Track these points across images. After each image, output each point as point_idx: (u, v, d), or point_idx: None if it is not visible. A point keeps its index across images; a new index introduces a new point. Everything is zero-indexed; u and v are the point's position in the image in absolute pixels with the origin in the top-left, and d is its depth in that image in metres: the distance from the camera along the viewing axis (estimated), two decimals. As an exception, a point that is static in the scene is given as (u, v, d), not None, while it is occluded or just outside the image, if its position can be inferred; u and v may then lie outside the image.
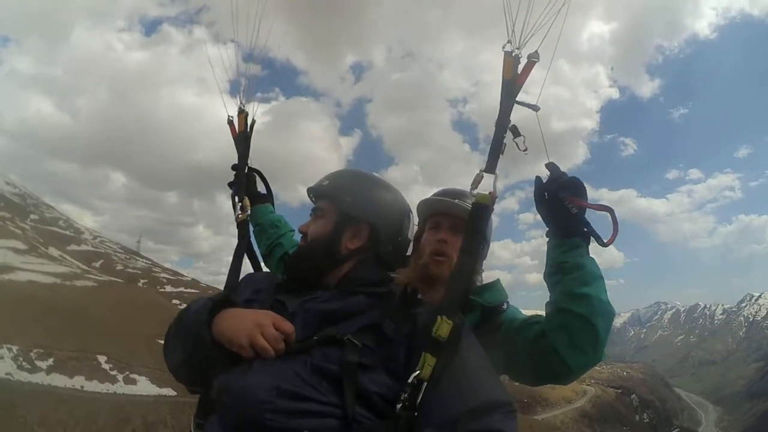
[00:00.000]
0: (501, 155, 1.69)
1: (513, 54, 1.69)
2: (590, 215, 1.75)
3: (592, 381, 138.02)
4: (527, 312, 1.96)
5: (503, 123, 1.69)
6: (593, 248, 1.75)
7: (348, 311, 1.46)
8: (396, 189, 1.76)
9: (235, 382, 1.31)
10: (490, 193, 1.62)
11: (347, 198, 1.64)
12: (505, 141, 1.70)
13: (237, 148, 2.43)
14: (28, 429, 19.66)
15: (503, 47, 1.70)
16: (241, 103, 2.47)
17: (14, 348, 29.15)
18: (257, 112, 2.49)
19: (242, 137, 2.43)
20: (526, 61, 1.69)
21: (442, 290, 1.74)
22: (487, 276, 2.15)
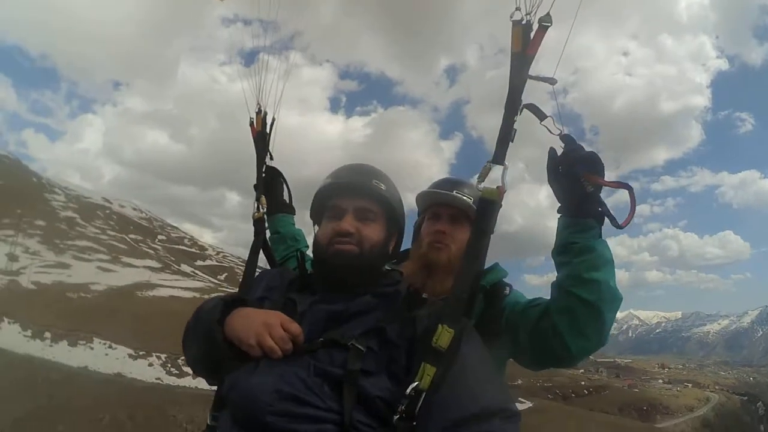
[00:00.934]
0: (511, 142, 1.51)
1: (522, 22, 1.50)
2: (606, 194, 1.62)
3: (717, 387, 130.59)
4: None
5: (514, 103, 1.51)
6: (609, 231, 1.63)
7: (354, 312, 1.44)
8: None
9: (241, 381, 1.33)
10: (498, 187, 1.50)
11: (396, 207, 1.63)
12: (515, 126, 1.50)
13: (256, 148, 2.43)
14: (179, 427, 21.61)
15: (511, 16, 1.51)
16: (259, 102, 2.47)
17: (162, 356, 35.15)
18: (278, 111, 2.45)
19: (260, 136, 2.44)
20: (536, 27, 1.49)
21: (442, 278, 1.76)
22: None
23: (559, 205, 1.68)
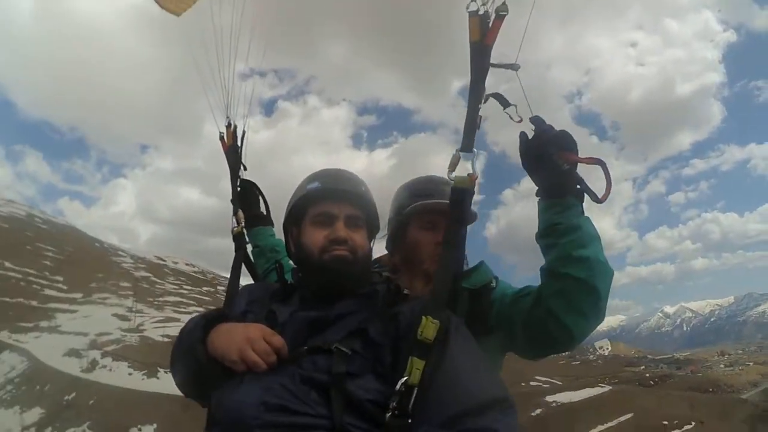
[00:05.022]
0: (478, 130, 1.55)
1: (479, 12, 1.53)
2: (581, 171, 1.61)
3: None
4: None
5: (477, 93, 1.55)
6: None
7: (335, 317, 1.44)
8: None
9: (226, 397, 1.32)
10: (469, 175, 1.51)
11: (374, 211, 1.68)
12: (480, 113, 1.56)
13: (228, 162, 2.39)
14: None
15: (467, 7, 1.54)
16: (228, 116, 2.43)
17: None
18: (247, 122, 2.44)
19: (232, 150, 2.40)
20: (494, 17, 1.53)
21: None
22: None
23: (537, 188, 1.68)
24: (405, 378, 1.25)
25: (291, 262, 1.80)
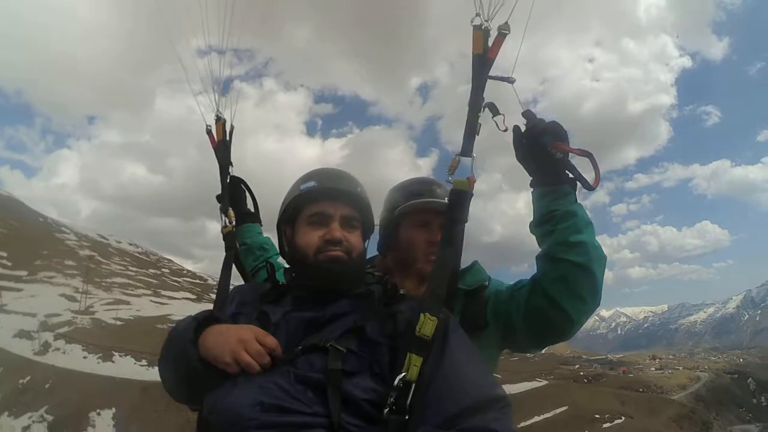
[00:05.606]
0: (476, 136, 1.59)
1: (482, 27, 1.59)
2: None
3: (707, 368, 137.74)
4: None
5: (476, 101, 1.59)
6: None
7: (330, 317, 1.43)
8: None
9: (220, 400, 1.30)
10: (468, 178, 1.54)
11: (370, 212, 1.67)
12: (480, 121, 1.59)
13: (217, 158, 2.29)
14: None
15: (471, 21, 1.60)
16: (217, 110, 2.32)
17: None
18: (235, 116, 2.32)
19: (221, 146, 2.30)
20: (496, 33, 1.59)
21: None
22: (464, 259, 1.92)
23: (531, 179, 1.74)
24: (403, 374, 1.25)
25: (281, 260, 1.84)
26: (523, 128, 1.70)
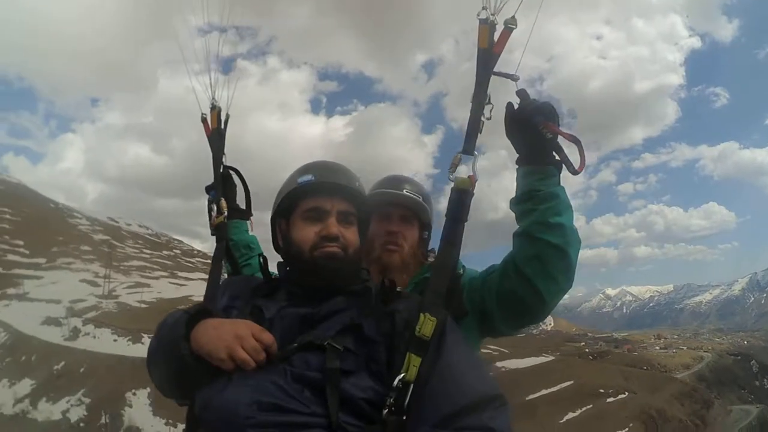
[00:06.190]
0: (479, 133, 1.55)
1: (488, 21, 1.55)
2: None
3: (711, 349, 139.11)
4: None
5: (480, 98, 1.56)
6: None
7: (326, 313, 1.40)
8: None
9: (215, 397, 1.26)
10: (469, 176, 1.52)
11: (366, 207, 1.63)
12: (483, 118, 1.56)
13: (211, 147, 2.21)
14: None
15: (478, 14, 1.57)
16: (213, 98, 2.25)
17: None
18: (231, 105, 2.25)
19: (215, 135, 2.22)
20: (502, 27, 1.55)
21: (397, 276, 1.77)
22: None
23: (518, 156, 1.73)
24: (402, 375, 1.25)
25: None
26: (516, 106, 1.69)
